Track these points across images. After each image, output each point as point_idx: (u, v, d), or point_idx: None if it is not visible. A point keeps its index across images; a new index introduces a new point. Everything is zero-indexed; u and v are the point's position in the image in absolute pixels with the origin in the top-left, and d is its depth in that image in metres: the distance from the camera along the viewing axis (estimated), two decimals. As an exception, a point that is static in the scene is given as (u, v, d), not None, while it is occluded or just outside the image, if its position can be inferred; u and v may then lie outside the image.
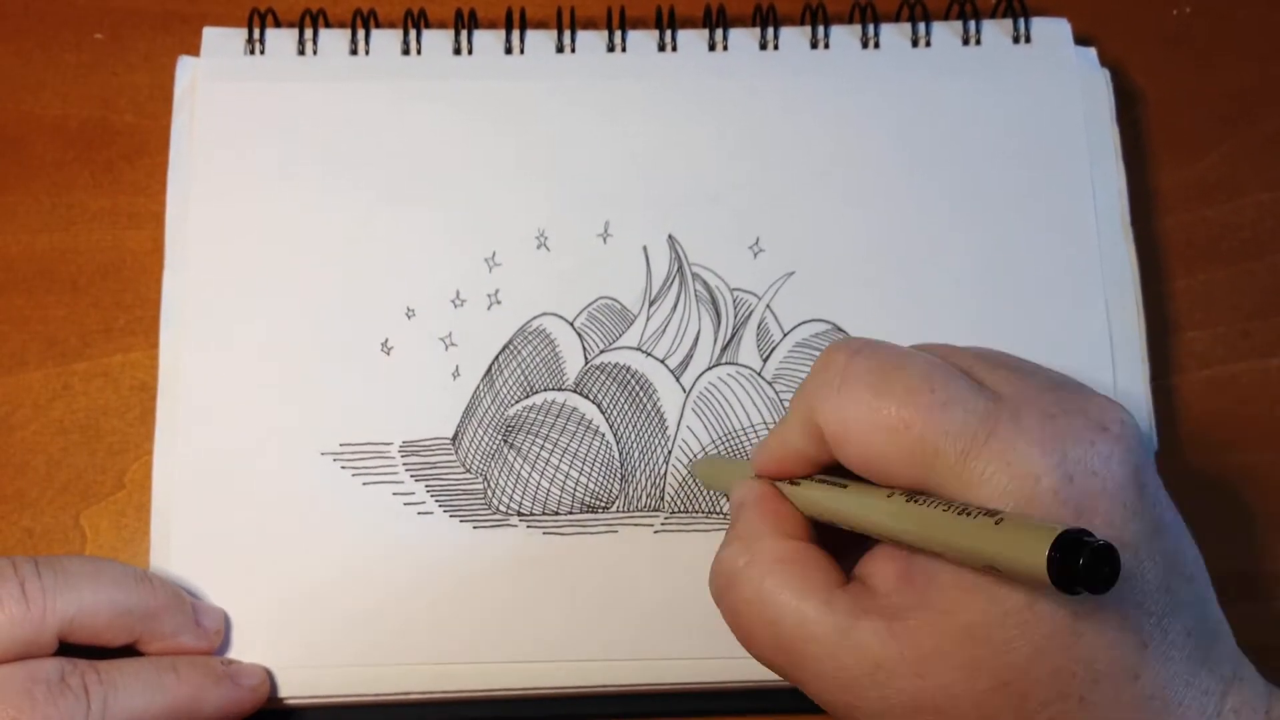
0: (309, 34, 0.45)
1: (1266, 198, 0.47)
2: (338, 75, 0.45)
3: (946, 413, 0.30)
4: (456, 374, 0.42)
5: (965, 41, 0.46)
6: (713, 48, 0.46)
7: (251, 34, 0.45)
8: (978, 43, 0.46)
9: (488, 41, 0.45)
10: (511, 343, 0.43)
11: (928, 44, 0.46)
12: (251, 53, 0.45)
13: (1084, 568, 0.26)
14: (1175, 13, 0.49)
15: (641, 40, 0.46)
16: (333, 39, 0.45)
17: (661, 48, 0.46)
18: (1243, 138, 0.47)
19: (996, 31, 0.46)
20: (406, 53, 0.45)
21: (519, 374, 0.42)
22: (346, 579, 0.40)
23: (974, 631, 0.29)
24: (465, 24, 0.46)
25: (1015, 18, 0.46)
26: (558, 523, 0.41)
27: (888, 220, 0.44)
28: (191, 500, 0.41)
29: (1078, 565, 0.26)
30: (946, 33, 0.46)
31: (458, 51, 0.45)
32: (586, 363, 0.42)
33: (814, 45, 0.46)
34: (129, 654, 0.38)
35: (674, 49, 0.46)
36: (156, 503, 0.41)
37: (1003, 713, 0.29)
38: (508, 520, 0.41)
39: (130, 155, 0.46)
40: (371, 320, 0.42)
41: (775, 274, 0.43)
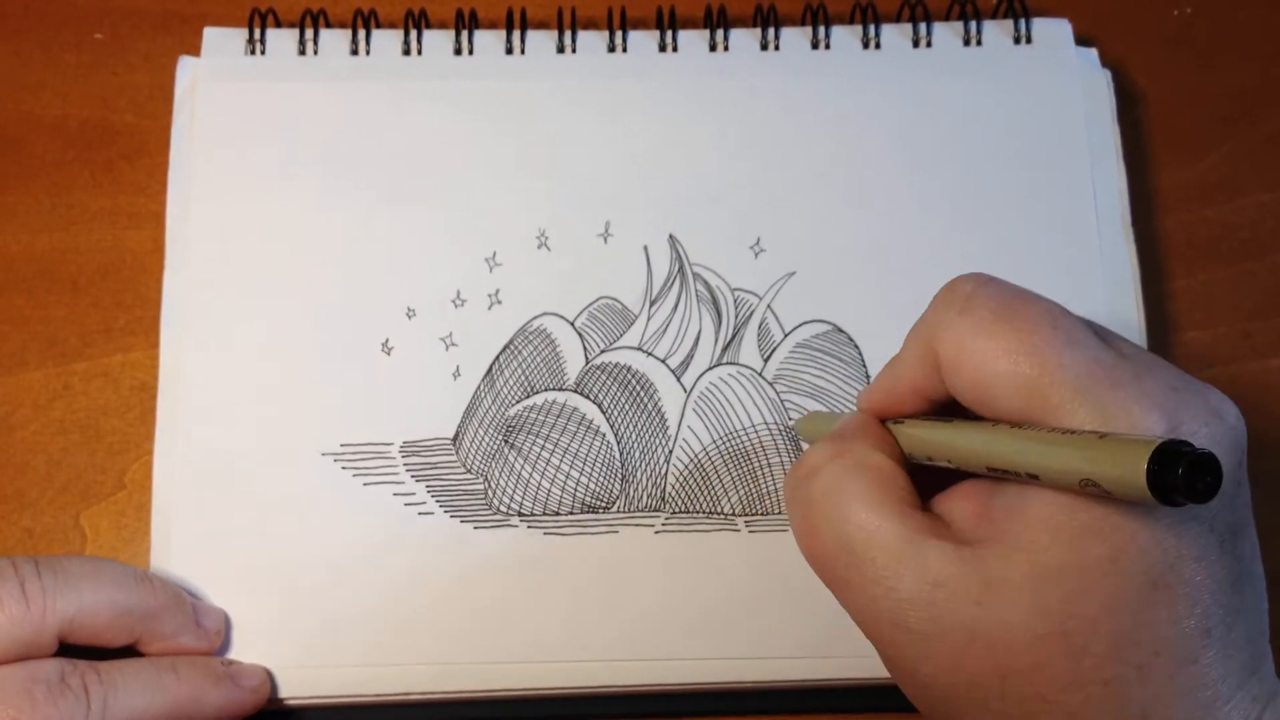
0: (309, 34, 0.45)
1: (1266, 198, 0.47)
2: (338, 75, 0.45)
3: (1069, 351, 0.30)
4: (457, 374, 0.42)
5: (966, 42, 0.46)
6: (713, 48, 0.46)
7: (252, 34, 0.45)
8: (978, 43, 0.46)
9: (488, 42, 0.45)
10: (512, 343, 0.43)
11: (928, 44, 0.46)
12: (252, 53, 0.45)
13: (1183, 477, 0.25)
14: (1176, 13, 0.49)
15: (642, 40, 0.46)
16: (333, 39, 0.45)
17: (662, 48, 0.46)
18: (1243, 138, 0.47)
19: (997, 32, 0.46)
20: (407, 53, 0.45)
21: (520, 374, 0.42)
22: (347, 579, 0.40)
23: (1048, 572, 0.29)
24: (466, 24, 0.46)
25: (1016, 18, 0.46)
26: (558, 523, 0.41)
27: (889, 220, 0.44)
28: (191, 500, 0.41)
29: (1177, 475, 0.25)
30: (947, 33, 0.46)
31: (458, 52, 0.45)
32: (587, 363, 0.42)
33: (815, 46, 0.46)
34: (129, 654, 0.38)
35: (675, 49, 0.46)
36: (156, 503, 0.41)
37: (1056, 661, 0.29)
38: (508, 520, 0.41)
39: (130, 155, 0.46)
40: (372, 320, 0.42)
41: (776, 274, 0.43)
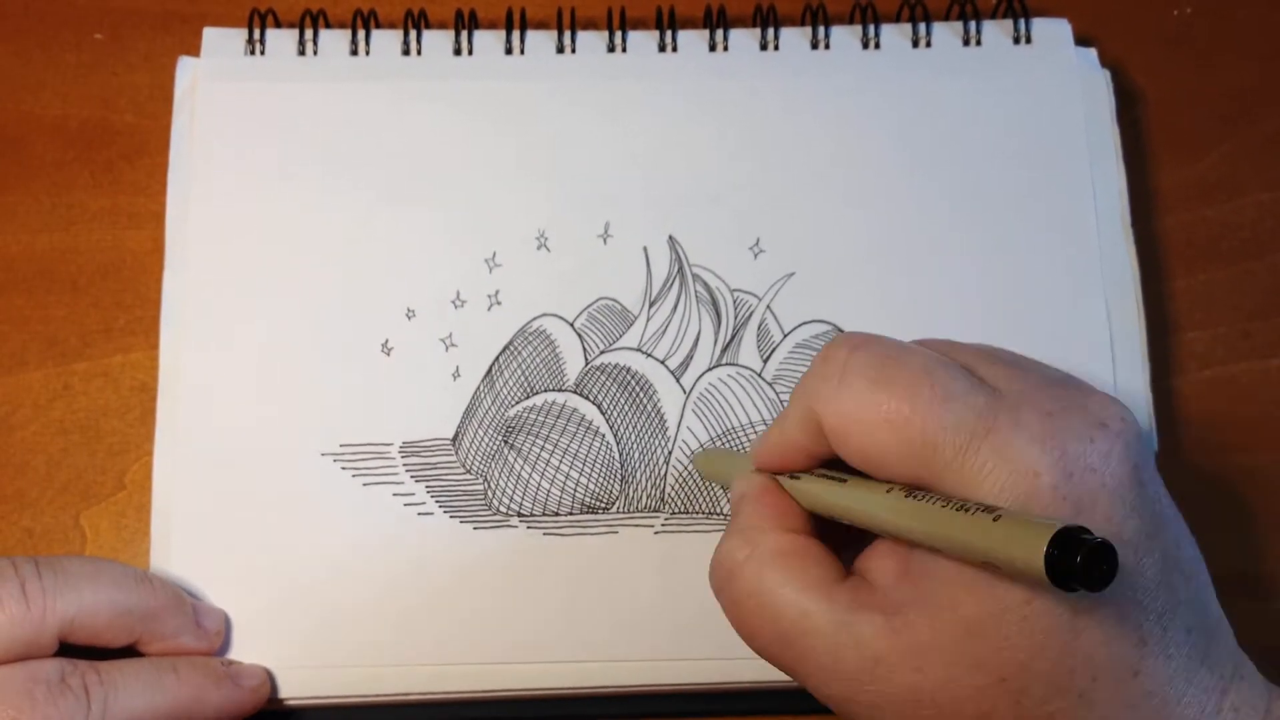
0: (309, 34, 0.45)
1: (1266, 198, 0.47)
2: (338, 75, 0.45)
3: (946, 408, 0.30)
4: (457, 374, 0.42)
5: (966, 42, 0.46)
6: (713, 48, 0.46)
7: (252, 34, 0.45)
8: (978, 43, 0.46)
9: (488, 42, 0.45)
10: (512, 343, 0.43)
11: (928, 44, 0.46)
12: (252, 53, 0.45)
13: (1081, 565, 0.25)
14: (1175, 13, 0.49)
15: (642, 41, 0.46)
16: (333, 39, 0.45)
17: (662, 48, 0.46)
18: (1243, 138, 0.47)
19: (997, 32, 0.46)
20: (407, 53, 0.45)
21: (519, 375, 0.42)
22: (347, 579, 0.40)
23: (972, 627, 0.29)
24: (465, 24, 0.46)
25: (1016, 18, 0.46)
26: (558, 523, 0.41)
27: (888, 221, 0.44)
28: (191, 500, 0.41)
29: (1075, 562, 0.25)
30: (947, 33, 0.46)
31: (458, 52, 0.45)
32: (587, 363, 0.42)
33: (814, 46, 0.46)
34: (129, 655, 0.38)
35: (674, 49, 0.46)
36: (156, 503, 0.41)
37: (1001, 708, 0.29)
38: (508, 521, 0.41)
39: (130, 155, 0.46)
40: (372, 321, 0.42)
41: (775, 275, 0.43)
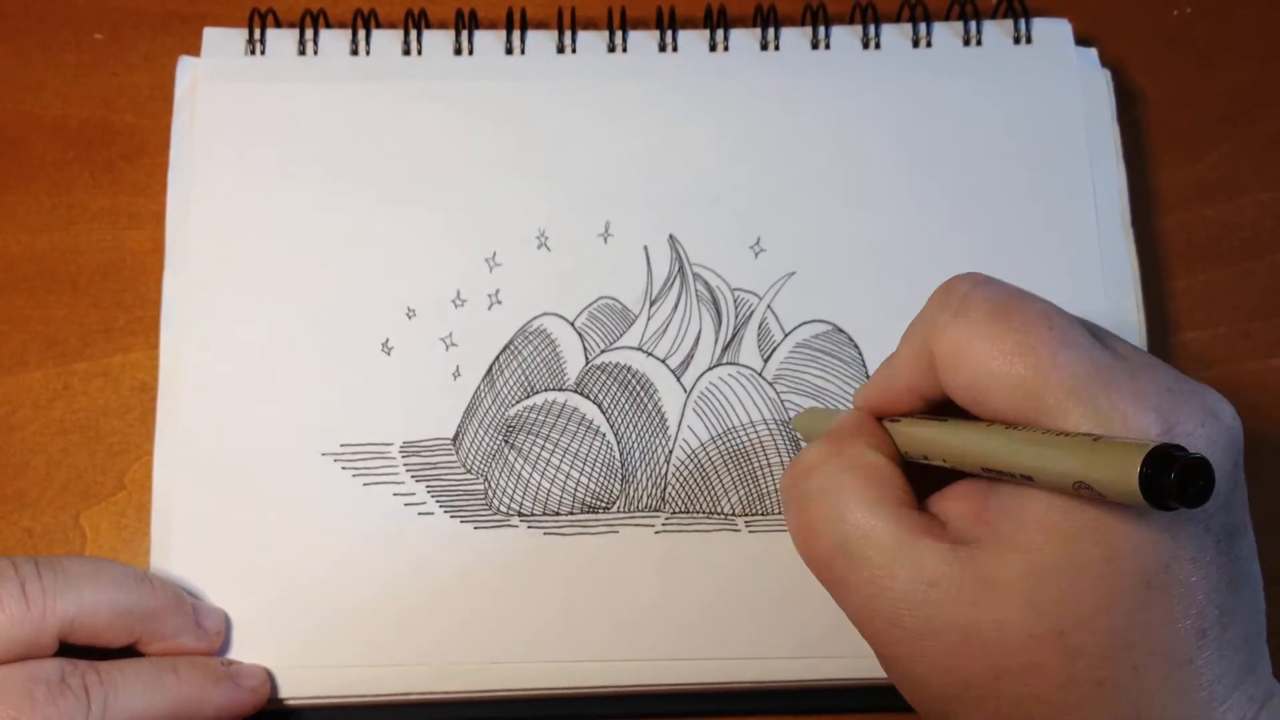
0: (309, 34, 0.45)
1: (1266, 198, 0.47)
2: (338, 75, 0.45)
3: (1064, 351, 0.30)
4: (457, 374, 0.42)
5: (966, 42, 0.46)
6: (713, 48, 0.46)
7: (252, 34, 0.45)
8: (978, 43, 0.46)
9: (488, 42, 0.45)
10: (512, 343, 0.43)
11: (928, 44, 0.46)
12: (252, 53, 0.45)
13: (1176, 481, 0.25)
14: (1175, 13, 0.49)
15: (642, 41, 0.46)
16: (333, 39, 0.45)
17: (662, 48, 0.46)
18: (1243, 138, 0.47)
19: (997, 32, 0.46)
20: (407, 53, 0.45)
21: (520, 374, 0.42)
22: (347, 579, 0.40)
23: (1044, 572, 0.29)
24: (465, 24, 0.46)
25: (1016, 18, 0.46)
26: (558, 523, 0.41)
27: (889, 220, 0.44)
28: (191, 500, 0.41)
29: (1170, 479, 0.25)
30: (947, 33, 0.46)
31: (458, 52, 0.45)
32: (587, 363, 0.42)
33: (815, 46, 0.46)
34: (129, 655, 0.38)
35: (674, 49, 0.46)
36: (156, 503, 0.41)
37: (1051, 661, 0.29)
38: (508, 521, 0.41)
39: (130, 155, 0.46)
40: (372, 320, 0.42)
41: (776, 274, 0.43)
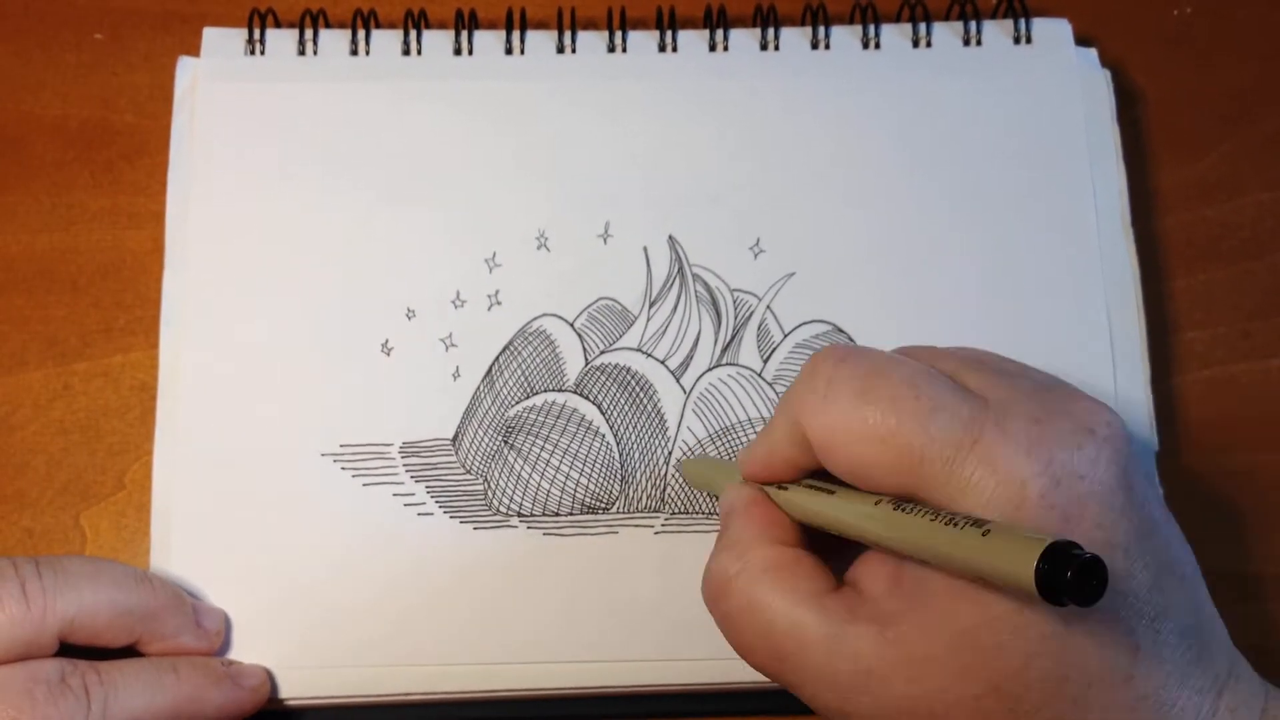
0: (309, 34, 0.45)
1: (1266, 198, 0.47)
2: (338, 75, 0.45)
3: (932, 419, 0.30)
4: (457, 375, 0.42)
5: (966, 42, 0.46)
6: (713, 48, 0.46)
7: (251, 34, 0.45)
8: (978, 43, 0.46)
9: (488, 42, 0.45)
10: (512, 343, 0.43)
11: (928, 44, 0.46)
12: (251, 53, 0.45)
13: (1072, 580, 0.25)
14: (1175, 13, 0.49)
15: (642, 41, 0.46)
16: (333, 39, 0.45)
17: (662, 48, 0.46)
18: (1243, 137, 0.47)
19: (997, 32, 0.46)
20: (407, 53, 0.45)
21: (519, 375, 0.42)
22: (347, 579, 0.40)
23: (965, 637, 0.29)
24: (465, 24, 0.46)
25: (1016, 18, 0.46)
26: (558, 524, 0.41)
27: (888, 221, 0.44)
28: (191, 500, 0.41)
29: (1066, 578, 0.26)
30: (947, 33, 0.46)
31: (458, 52, 0.45)
32: (587, 363, 0.42)
33: (814, 46, 0.46)
34: (129, 655, 0.38)
35: (674, 49, 0.46)
36: (156, 503, 0.41)
37: (996, 716, 0.29)
38: (508, 521, 0.41)
39: (130, 155, 0.46)
40: (371, 321, 0.42)
41: (776, 275, 0.43)
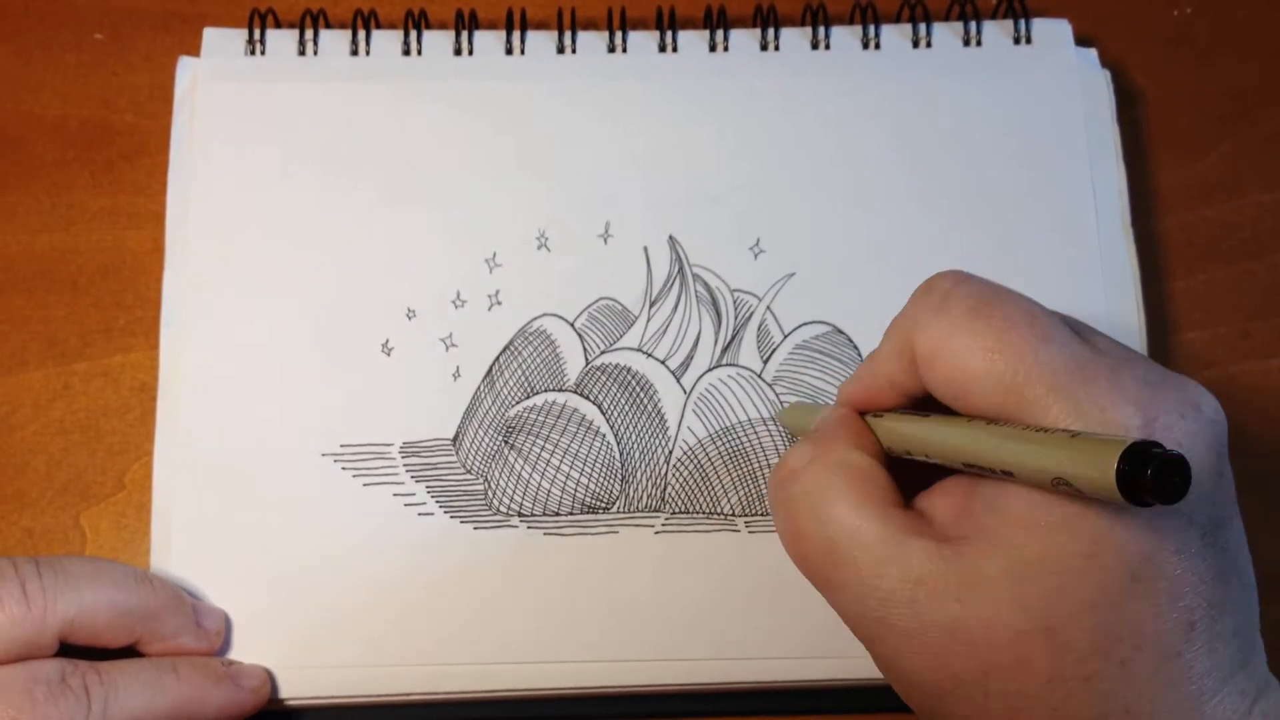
0: (309, 34, 0.45)
1: (1266, 198, 0.47)
2: (338, 75, 0.45)
3: (1044, 347, 0.30)
4: (457, 375, 0.42)
5: (966, 42, 0.46)
6: (713, 48, 0.46)
7: (252, 34, 0.45)
8: (978, 44, 0.46)
9: (488, 42, 0.45)
10: (512, 343, 0.43)
11: (928, 45, 0.46)
12: (252, 53, 0.45)
13: (1153, 477, 0.25)
14: (1175, 13, 0.49)
15: (642, 41, 0.46)
16: (333, 39, 0.45)
17: (662, 48, 0.46)
18: (1243, 137, 0.47)
19: (997, 32, 0.46)
20: (407, 53, 0.45)
21: (519, 375, 0.42)
22: (347, 579, 0.40)
23: (1028, 569, 0.29)
24: (465, 24, 0.46)
25: (1016, 19, 0.46)
26: (558, 523, 0.41)
27: (888, 221, 0.44)
28: (191, 500, 0.41)
29: (1146, 475, 0.25)
30: (947, 33, 0.46)
31: (458, 52, 0.45)
32: (587, 363, 0.42)
33: (814, 46, 0.46)
34: (130, 655, 0.38)
35: (674, 50, 0.46)
36: (156, 503, 0.41)
37: (1039, 657, 0.29)
38: (508, 521, 0.41)
39: (130, 155, 0.46)
40: (372, 321, 0.42)
41: (776, 275, 0.43)
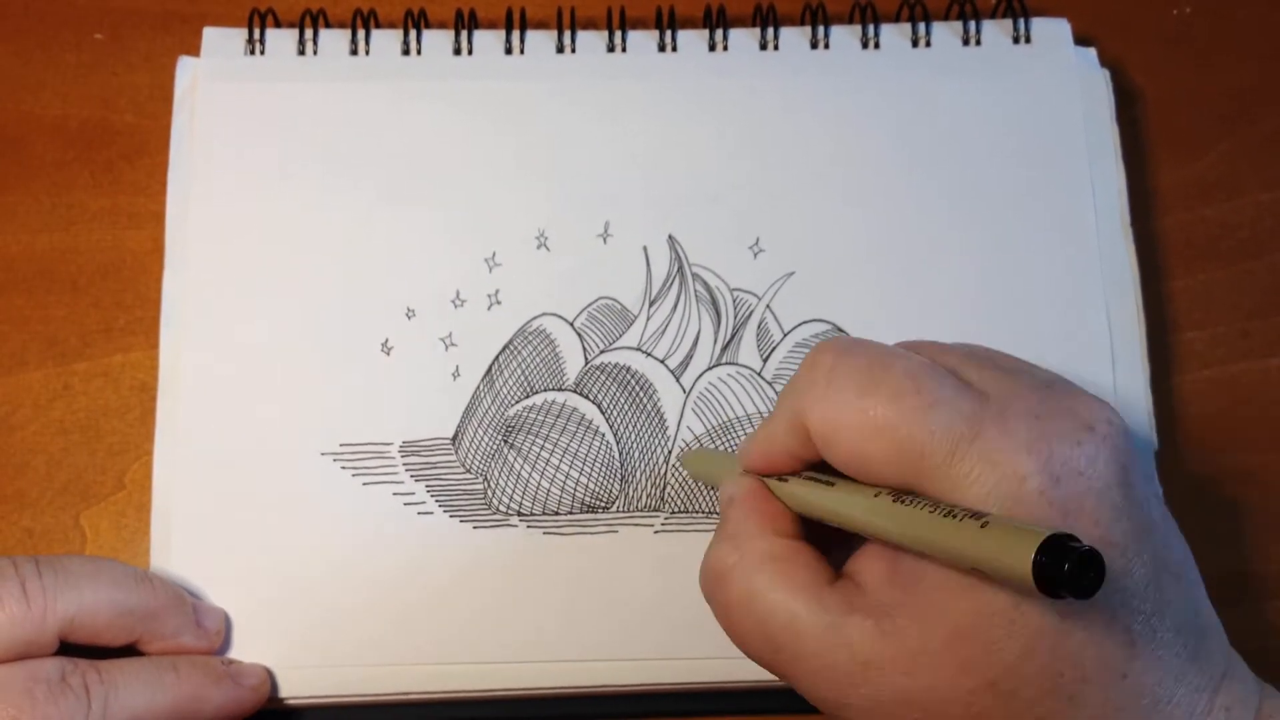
0: (309, 34, 0.45)
1: (1266, 197, 0.47)
2: (338, 75, 0.45)
3: (933, 413, 0.30)
4: (456, 374, 0.42)
5: (965, 42, 0.46)
6: (713, 48, 0.46)
7: (251, 34, 0.45)
8: (978, 43, 0.46)
9: (488, 42, 0.45)
10: (512, 343, 0.43)
11: (928, 44, 0.46)
12: (251, 53, 0.45)
13: (1069, 572, 0.25)
14: (1175, 13, 0.49)
15: (642, 40, 0.46)
16: (333, 39, 0.45)
17: (661, 48, 0.46)
18: (1242, 137, 0.47)
19: (996, 32, 0.46)
20: (406, 53, 0.45)
21: (519, 374, 0.42)
22: (347, 579, 0.40)
23: (961, 631, 0.29)
24: (465, 24, 0.46)
25: (1015, 18, 0.46)
26: (558, 523, 0.41)
27: (888, 220, 0.44)
28: (191, 500, 0.41)
29: (1063, 570, 0.25)
30: (946, 33, 0.46)
31: (458, 52, 0.45)
32: (587, 363, 0.42)
33: (814, 45, 0.46)
34: (130, 654, 0.38)
35: (674, 49, 0.46)
36: (156, 503, 0.41)
37: (992, 711, 0.29)
38: (508, 520, 0.41)
39: (130, 155, 0.46)
40: (371, 320, 0.42)
41: (775, 274, 0.43)
